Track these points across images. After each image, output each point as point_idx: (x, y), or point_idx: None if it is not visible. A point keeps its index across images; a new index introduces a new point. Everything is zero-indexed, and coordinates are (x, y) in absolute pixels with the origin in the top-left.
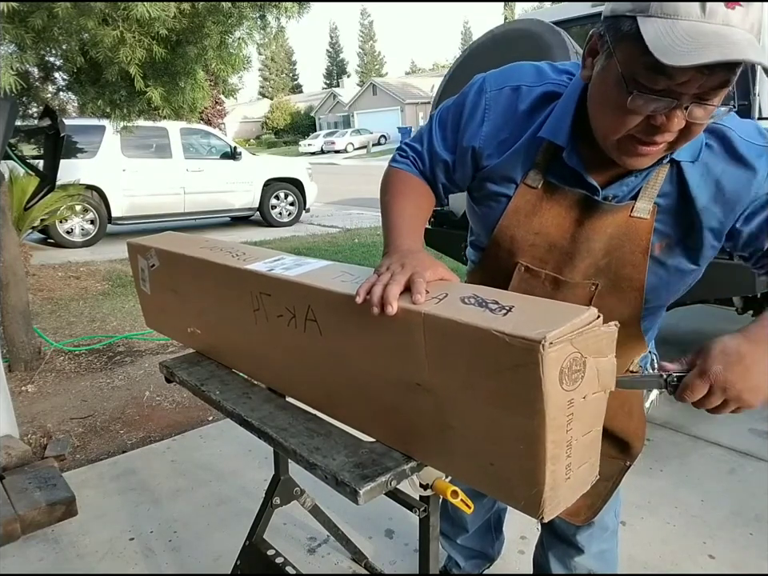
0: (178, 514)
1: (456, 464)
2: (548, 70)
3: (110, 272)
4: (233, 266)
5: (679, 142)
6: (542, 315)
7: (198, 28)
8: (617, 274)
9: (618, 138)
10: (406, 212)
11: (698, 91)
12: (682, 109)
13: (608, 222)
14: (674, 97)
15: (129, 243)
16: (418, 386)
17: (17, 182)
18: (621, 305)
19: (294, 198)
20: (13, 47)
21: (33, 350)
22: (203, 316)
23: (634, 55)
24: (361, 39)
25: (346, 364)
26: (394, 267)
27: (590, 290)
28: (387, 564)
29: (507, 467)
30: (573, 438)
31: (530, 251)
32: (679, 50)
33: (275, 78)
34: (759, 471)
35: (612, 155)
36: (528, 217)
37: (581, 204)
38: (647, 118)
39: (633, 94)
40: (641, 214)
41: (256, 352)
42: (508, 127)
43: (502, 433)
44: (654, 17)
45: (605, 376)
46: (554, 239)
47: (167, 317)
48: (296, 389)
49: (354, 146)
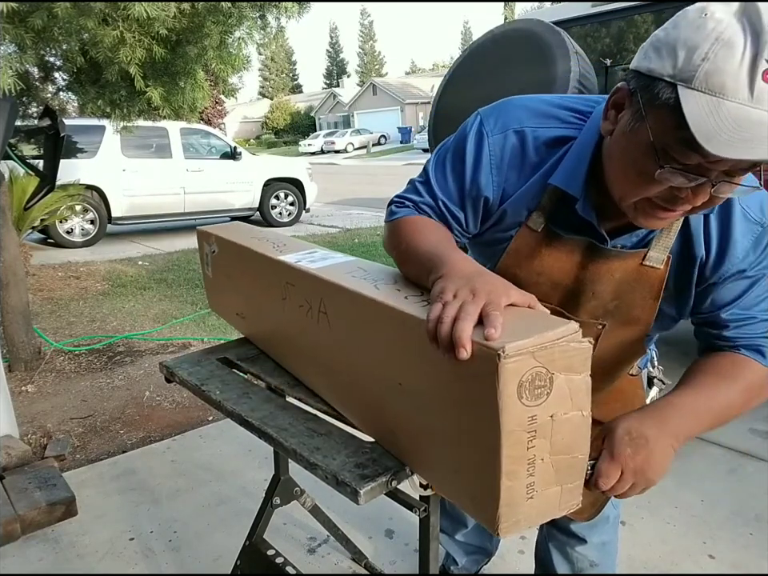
0: (178, 514)
1: (429, 468)
2: (552, 109)
3: (110, 272)
4: (268, 256)
5: (698, 210)
6: (516, 326)
7: (197, 28)
8: (625, 316)
9: (634, 205)
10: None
11: (728, 168)
12: (708, 187)
13: (615, 267)
14: (705, 174)
15: (198, 230)
16: (400, 386)
17: (17, 181)
18: (626, 337)
19: (294, 198)
20: (13, 47)
21: (33, 350)
22: (247, 301)
23: (670, 127)
24: (361, 39)
25: (348, 358)
26: (463, 294)
27: (597, 329)
28: (387, 564)
29: (469, 477)
30: (537, 457)
31: (534, 290)
32: (725, 138)
33: (275, 78)
34: (759, 471)
35: (627, 213)
36: (528, 259)
37: (584, 248)
38: (671, 188)
39: (664, 168)
40: (654, 264)
41: (283, 340)
42: (514, 173)
43: (464, 441)
44: (698, 90)
45: (578, 396)
46: (558, 280)
47: (223, 300)
48: (312, 380)
49: (353, 146)
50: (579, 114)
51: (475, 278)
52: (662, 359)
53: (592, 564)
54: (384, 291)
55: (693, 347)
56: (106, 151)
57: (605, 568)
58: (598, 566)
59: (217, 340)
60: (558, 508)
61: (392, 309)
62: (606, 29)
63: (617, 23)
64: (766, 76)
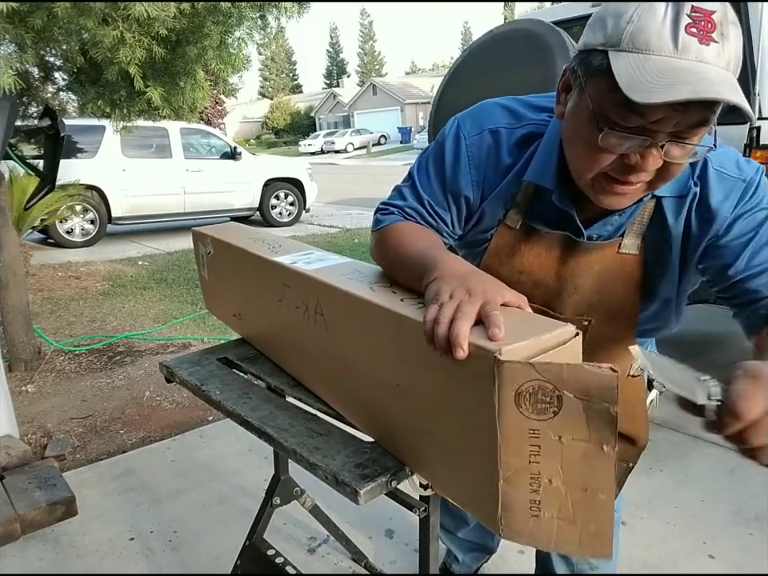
0: (177, 514)
1: (429, 469)
2: (523, 109)
3: (110, 272)
4: (263, 257)
5: (658, 181)
6: (511, 328)
7: (197, 28)
8: (610, 309)
9: (592, 177)
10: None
11: (673, 129)
12: (657, 147)
13: (594, 260)
14: (648, 135)
15: (193, 231)
16: (398, 387)
17: (17, 181)
18: (614, 332)
19: (294, 198)
20: (13, 47)
21: (33, 350)
22: (244, 303)
23: (605, 91)
24: (361, 39)
25: (345, 359)
26: (459, 294)
27: (584, 326)
28: (387, 564)
29: (469, 478)
30: (543, 475)
31: (517, 287)
32: (648, 87)
33: (275, 78)
34: (759, 471)
35: (588, 194)
36: (509, 257)
37: (562, 243)
38: (621, 157)
39: (604, 131)
40: (629, 250)
41: (281, 341)
42: (491, 172)
43: (464, 443)
44: (626, 51)
45: (598, 426)
46: (539, 277)
47: (220, 301)
48: (312, 381)
49: (353, 146)
50: (550, 111)
51: (470, 277)
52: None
53: (592, 567)
54: (379, 293)
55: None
56: (105, 151)
57: (605, 570)
58: (599, 568)
59: (217, 340)
60: (579, 547)
61: (387, 311)
62: None
63: None
64: (689, 29)
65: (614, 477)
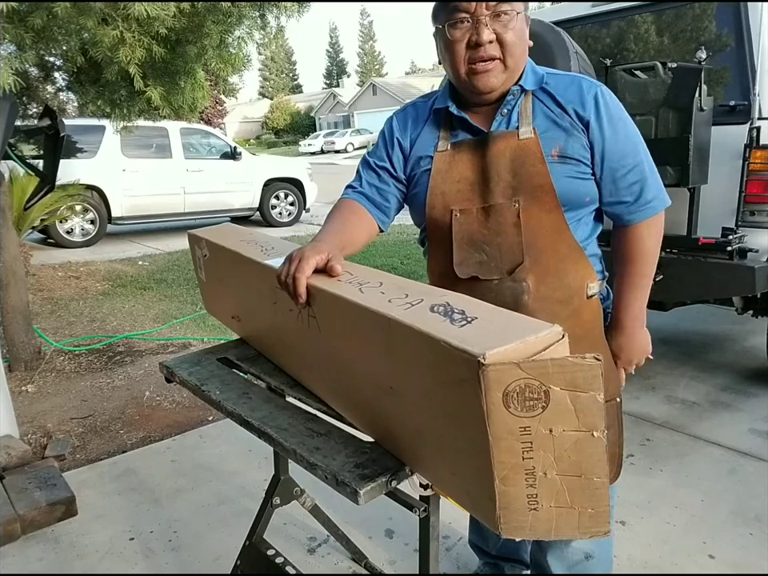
0: (178, 514)
1: (428, 470)
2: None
3: (110, 272)
4: (255, 260)
5: (506, 55)
6: (497, 330)
7: (197, 27)
8: (529, 186)
9: (465, 72)
10: (333, 216)
11: (488, 12)
12: (483, 24)
13: (503, 148)
14: (473, 18)
15: (189, 234)
16: (391, 389)
17: (17, 181)
18: (543, 212)
19: (294, 198)
20: (13, 47)
21: (33, 350)
22: (241, 305)
23: (439, 12)
24: (361, 39)
25: (341, 362)
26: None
27: (515, 208)
28: (387, 564)
29: (466, 478)
30: (537, 470)
31: (459, 196)
32: None
33: (275, 78)
34: (759, 471)
35: (468, 90)
36: (448, 172)
37: (479, 145)
38: (468, 45)
39: (445, 26)
40: (527, 135)
41: (278, 342)
42: (414, 122)
43: (458, 444)
44: None
45: (587, 414)
46: (471, 178)
47: (218, 303)
48: (311, 383)
49: (354, 146)
50: None
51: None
52: (661, 359)
53: (588, 556)
54: (368, 294)
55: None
56: (105, 151)
57: (601, 558)
58: (594, 557)
59: (217, 340)
60: (578, 531)
61: (374, 312)
62: (606, 29)
63: (617, 23)
64: None
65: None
